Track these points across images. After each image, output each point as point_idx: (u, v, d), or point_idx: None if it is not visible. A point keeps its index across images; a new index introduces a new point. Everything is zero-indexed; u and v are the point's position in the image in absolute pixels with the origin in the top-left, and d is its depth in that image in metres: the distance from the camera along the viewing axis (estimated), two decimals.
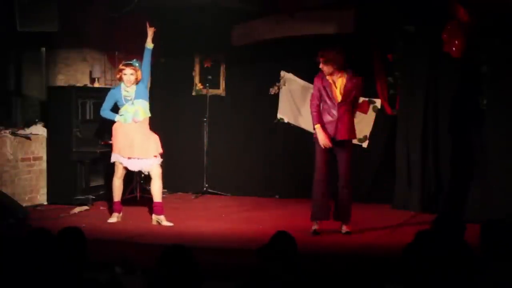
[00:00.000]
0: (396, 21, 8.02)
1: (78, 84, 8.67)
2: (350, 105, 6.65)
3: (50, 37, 8.23)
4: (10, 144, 8.05)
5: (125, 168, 7.26)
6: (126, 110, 7.19)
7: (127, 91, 7.19)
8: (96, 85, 8.93)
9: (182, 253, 3.25)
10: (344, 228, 6.74)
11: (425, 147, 7.92)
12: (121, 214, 7.34)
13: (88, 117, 8.51)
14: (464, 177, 7.47)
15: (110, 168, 8.97)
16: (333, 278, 3.36)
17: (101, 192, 8.62)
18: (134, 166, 7.26)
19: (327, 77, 6.62)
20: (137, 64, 7.19)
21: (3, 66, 8.36)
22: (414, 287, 3.25)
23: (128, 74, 7.13)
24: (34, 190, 8.36)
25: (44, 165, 8.47)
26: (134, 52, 9.46)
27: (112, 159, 7.29)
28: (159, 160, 7.26)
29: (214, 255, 5.61)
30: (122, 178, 7.33)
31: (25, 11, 7.62)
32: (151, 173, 7.23)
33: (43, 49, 8.64)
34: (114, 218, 7.28)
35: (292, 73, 8.96)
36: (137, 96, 7.18)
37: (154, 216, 7.22)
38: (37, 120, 8.53)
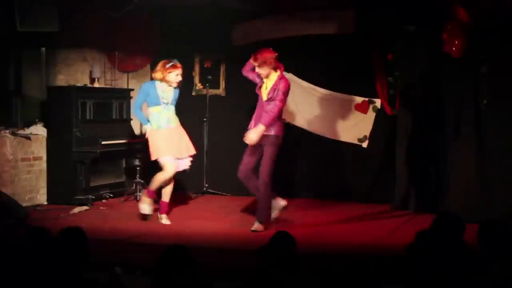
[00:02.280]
0: (396, 21, 8.02)
1: (78, 84, 8.67)
2: None
3: (50, 37, 8.23)
4: (10, 144, 8.05)
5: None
6: (160, 113, 7.00)
7: (164, 92, 7.01)
8: (96, 85, 8.93)
9: (182, 253, 3.25)
10: (255, 226, 6.73)
11: (425, 147, 7.93)
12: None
13: (88, 117, 8.51)
14: (464, 177, 7.47)
15: (109, 168, 9.01)
16: (333, 278, 3.35)
17: (101, 192, 8.64)
18: (180, 166, 7.11)
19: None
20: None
21: (3, 66, 8.36)
22: (414, 287, 3.25)
23: (180, 74, 6.99)
24: (34, 190, 8.36)
25: (44, 165, 8.47)
26: (134, 52, 9.51)
27: (164, 161, 7.01)
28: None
29: (214, 255, 5.61)
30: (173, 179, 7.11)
31: (25, 11, 7.63)
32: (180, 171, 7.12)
33: (43, 49, 8.64)
34: (166, 220, 7.12)
35: (292, 73, 8.95)
36: (173, 102, 7.03)
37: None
38: (37, 120, 8.53)
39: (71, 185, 8.28)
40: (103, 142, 8.27)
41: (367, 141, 8.64)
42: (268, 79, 6.73)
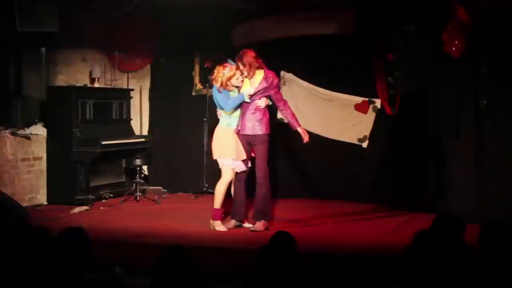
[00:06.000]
0: (396, 21, 8.02)
1: (78, 84, 8.68)
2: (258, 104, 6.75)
3: (50, 37, 8.23)
4: (10, 144, 8.05)
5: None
6: (231, 113, 6.90)
7: (235, 93, 6.89)
8: (96, 85, 8.94)
9: (182, 253, 3.25)
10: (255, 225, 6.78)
11: (425, 147, 7.93)
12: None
13: (88, 117, 8.52)
14: (464, 177, 7.46)
15: (109, 168, 9.00)
16: (334, 278, 3.37)
17: (101, 192, 8.64)
18: (238, 168, 6.89)
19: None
20: (232, 63, 6.88)
21: (3, 66, 8.36)
22: (414, 287, 3.25)
23: (240, 76, 6.81)
24: (34, 190, 8.37)
25: (44, 165, 8.47)
26: (134, 52, 9.51)
27: (225, 164, 6.88)
28: None
29: (214, 255, 5.62)
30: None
31: (25, 11, 7.63)
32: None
33: (43, 49, 8.64)
34: (222, 226, 6.87)
35: (292, 73, 8.96)
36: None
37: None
38: (37, 120, 8.53)
39: (71, 185, 8.28)
40: (103, 142, 8.28)
41: (367, 141, 8.63)
42: (252, 78, 6.78)
